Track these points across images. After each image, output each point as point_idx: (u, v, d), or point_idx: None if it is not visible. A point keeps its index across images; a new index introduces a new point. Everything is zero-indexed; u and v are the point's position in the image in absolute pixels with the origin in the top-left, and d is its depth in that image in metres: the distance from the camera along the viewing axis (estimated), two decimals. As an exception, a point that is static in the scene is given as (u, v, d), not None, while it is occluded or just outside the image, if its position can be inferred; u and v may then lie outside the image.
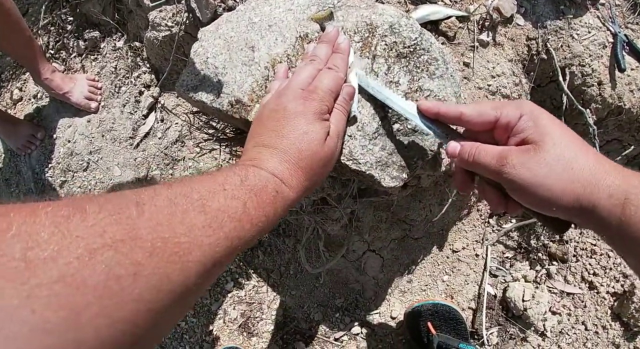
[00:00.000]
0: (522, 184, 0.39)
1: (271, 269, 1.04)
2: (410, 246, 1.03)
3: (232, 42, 0.71)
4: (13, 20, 1.06)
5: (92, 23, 1.38)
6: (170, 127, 1.11)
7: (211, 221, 0.31)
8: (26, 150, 1.26)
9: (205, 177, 0.36)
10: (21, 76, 1.41)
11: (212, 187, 0.34)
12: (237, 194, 0.35)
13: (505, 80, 0.86)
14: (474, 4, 0.85)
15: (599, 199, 0.36)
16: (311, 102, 0.46)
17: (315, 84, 0.49)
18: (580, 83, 1.00)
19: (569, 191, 0.38)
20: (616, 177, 0.37)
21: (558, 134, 0.40)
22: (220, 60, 0.70)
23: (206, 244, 0.29)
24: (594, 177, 0.37)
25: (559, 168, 0.38)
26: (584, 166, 0.38)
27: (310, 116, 0.45)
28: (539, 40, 0.95)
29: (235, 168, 0.40)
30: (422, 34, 0.67)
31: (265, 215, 0.37)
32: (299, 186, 0.43)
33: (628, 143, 1.12)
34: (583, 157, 0.39)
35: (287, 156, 0.43)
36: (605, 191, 0.36)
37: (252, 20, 0.71)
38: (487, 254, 1.05)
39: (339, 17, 0.67)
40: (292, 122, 0.45)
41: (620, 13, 1.04)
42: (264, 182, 0.39)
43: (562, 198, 0.38)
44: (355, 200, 0.80)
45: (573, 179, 0.38)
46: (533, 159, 0.40)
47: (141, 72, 1.18)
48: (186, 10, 1.04)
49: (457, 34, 0.82)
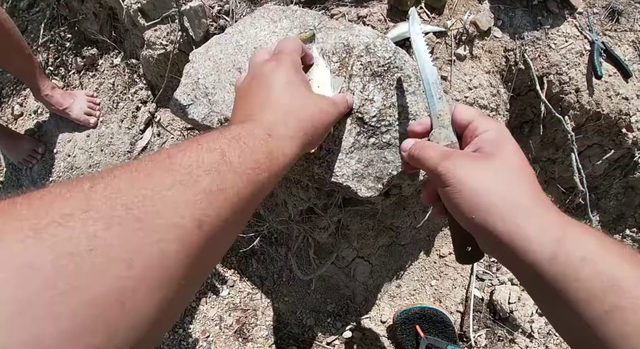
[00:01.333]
0: (451, 181, 0.38)
1: (264, 276, 1.10)
2: (398, 252, 1.08)
3: (220, 63, 0.78)
4: (14, 39, 1.13)
5: (90, 41, 1.45)
6: (167, 142, 1.17)
7: (182, 178, 0.28)
8: (28, 164, 1.33)
9: (186, 141, 0.34)
10: (22, 92, 1.48)
11: (184, 145, 0.32)
12: (213, 146, 0.33)
13: (483, 92, 0.92)
14: (451, 19, 0.92)
15: (533, 228, 0.34)
16: (281, 59, 0.47)
17: (279, 48, 0.51)
18: (558, 91, 1.06)
19: (495, 205, 0.35)
20: (553, 212, 0.36)
21: (513, 156, 0.39)
22: (210, 81, 0.77)
23: (181, 203, 0.27)
24: (530, 203, 0.36)
25: (495, 180, 0.37)
26: (525, 190, 0.36)
27: (287, 69, 0.46)
28: (516, 51, 1.01)
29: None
30: (396, 52, 0.73)
31: (255, 161, 0.34)
32: (295, 132, 0.41)
33: (608, 147, 1.17)
34: (526, 182, 0.37)
35: (277, 106, 0.42)
36: (541, 223, 0.34)
37: (239, 43, 0.78)
38: (473, 259, 1.10)
39: (318, 39, 0.74)
40: (271, 80, 0.44)
41: (598, 21, 1.10)
42: (248, 130, 0.37)
43: (487, 209, 0.35)
44: (340, 209, 0.86)
45: (506, 196, 0.36)
46: (474, 163, 0.39)
47: (138, 88, 1.25)
48: (180, 30, 1.11)
49: (434, 49, 0.88)
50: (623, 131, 1.10)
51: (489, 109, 0.95)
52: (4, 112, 1.45)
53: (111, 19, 1.37)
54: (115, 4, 1.25)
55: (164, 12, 1.12)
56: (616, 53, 1.05)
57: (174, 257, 0.25)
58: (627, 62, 1.05)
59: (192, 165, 0.30)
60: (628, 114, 1.06)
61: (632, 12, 1.13)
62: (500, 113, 1.00)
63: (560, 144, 1.17)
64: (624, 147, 1.14)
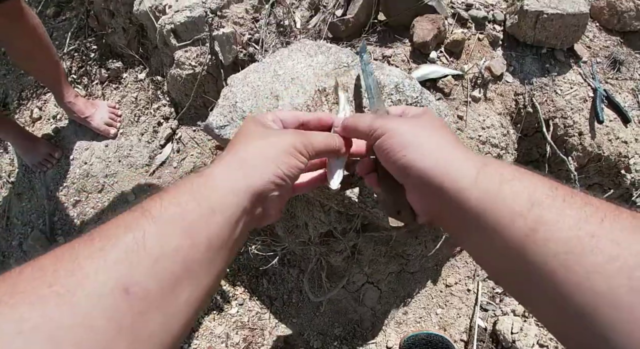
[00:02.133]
0: (385, 129, 0.42)
1: (274, 296, 1.13)
2: (407, 279, 1.13)
3: (258, 90, 0.85)
4: (44, 45, 1.17)
5: (116, 54, 1.52)
6: (186, 158, 1.22)
7: (102, 243, 0.28)
8: (42, 167, 1.35)
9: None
10: (42, 96, 1.52)
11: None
12: (137, 205, 0.33)
13: (494, 132, 1.01)
14: (468, 64, 1.01)
15: (456, 157, 0.38)
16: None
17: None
18: (563, 133, 1.15)
19: (421, 144, 0.39)
20: (472, 152, 0.40)
21: (435, 120, 0.44)
22: (248, 105, 0.84)
23: (101, 269, 0.27)
24: (452, 144, 0.40)
25: (421, 129, 0.41)
26: (446, 137, 0.41)
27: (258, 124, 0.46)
28: (525, 96, 1.11)
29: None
30: (422, 93, 0.81)
31: (177, 203, 0.32)
32: (237, 167, 0.38)
33: (608, 187, 1.26)
34: (447, 134, 0.42)
35: (235, 152, 0.41)
36: (463, 154, 0.38)
37: (277, 72, 0.86)
38: (478, 289, 1.15)
39: (352, 75, 0.82)
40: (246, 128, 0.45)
41: (601, 69, 1.21)
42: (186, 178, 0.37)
43: (415, 147, 0.39)
44: (358, 234, 0.91)
45: (431, 138, 0.40)
46: (403, 119, 0.45)
47: (161, 104, 1.31)
48: (210, 53, 1.19)
49: (452, 90, 0.97)
50: (622, 172, 1.19)
51: (499, 148, 1.03)
52: (22, 114, 1.49)
53: (139, 35, 1.44)
54: (147, 22, 1.33)
55: (195, 35, 1.20)
56: (617, 100, 1.15)
57: (103, 332, 0.24)
58: (627, 109, 1.16)
59: (111, 227, 0.30)
60: (627, 157, 1.16)
61: (633, 62, 1.25)
62: (510, 152, 1.08)
63: (564, 183, 1.25)
64: (622, 187, 1.23)
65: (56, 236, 1.31)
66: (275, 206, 0.43)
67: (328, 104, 0.80)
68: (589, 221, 0.29)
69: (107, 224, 0.31)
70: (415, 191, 0.41)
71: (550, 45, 1.13)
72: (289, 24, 1.06)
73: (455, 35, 0.99)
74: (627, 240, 0.27)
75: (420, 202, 0.41)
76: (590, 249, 0.27)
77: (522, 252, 0.30)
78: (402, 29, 1.00)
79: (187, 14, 1.18)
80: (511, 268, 0.32)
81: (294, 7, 1.08)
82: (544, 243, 0.29)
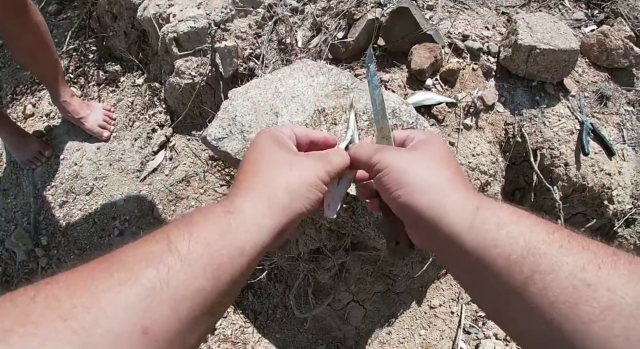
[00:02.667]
0: (381, 166, 0.42)
1: (259, 311, 1.13)
2: (392, 299, 1.15)
3: (259, 105, 0.87)
4: (45, 42, 1.17)
5: (115, 57, 1.53)
6: (178, 167, 1.23)
7: (121, 276, 0.27)
8: (31, 165, 1.33)
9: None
10: (37, 93, 1.51)
11: (143, 237, 0.32)
12: (160, 235, 0.32)
13: (484, 159, 1.05)
14: (462, 93, 1.06)
15: (452, 200, 0.37)
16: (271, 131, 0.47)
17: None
18: (549, 164, 1.20)
19: (416, 182, 0.39)
20: (471, 189, 0.40)
21: (438, 149, 0.43)
22: (247, 120, 0.86)
23: (120, 307, 0.26)
24: (449, 182, 0.39)
25: (418, 164, 0.41)
26: (445, 173, 0.40)
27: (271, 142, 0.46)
28: (515, 126, 1.16)
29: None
30: (417, 119, 0.85)
31: (205, 244, 0.32)
32: (268, 206, 0.38)
33: (591, 217, 1.31)
34: (448, 167, 0.41)
35: (253, 180, 0.41)
36: (459, 196, 0.38)
37: (278, 89, 0.88)
38: (461, 312, 1.17)
39: (351, 97, 0.85)
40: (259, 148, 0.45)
41: (589, 104, 1.28)
42: (208, 208, 0.37)
43: (410, 186, 0.39)
44: (347, 252, 0.93)
45: (427, 175, 0.40)
46: (402, 152, 0.44)
47: (157, 111, 1.33)
48: (210, 64, 1.21)
49: (445, 117, 1.01)
50: (605, 203, 1.25)
51: (488, 175, 1.07)
52: (15, 110, 1.48)
53: (140, 40, 1.46)
54: (150, 29, 1.35)
55: (197, 45, 1.22)
56: (602, 133, 1.21)
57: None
58: (612, 142, 1.22)
59: (134, 259, 0.29)
60: (610, 188, 1.21)
61: (619, 98, 1.32)
62: (497, 179, 1.12)
63: (549, 211, 1.30)
64: (605, 217, 1.29)
65: (40, 235, 1.29)
66: (289, 234, 0.44)
67: (326, 124, 0.83)
68: (586, 269, 0.29)
69: (128, 251, 0.29)
70: (412, 228, 0.41)
71: (541, 78, 1.18)
72: (291, 42, 1.10)
73: (451, 64, 1.04)
74: (624, 288, 0.27)
75: (417, 238, 0.42)
76: (586, 299, 0.28)
77: (520, 299, 0.30)
78: (401, 55, 1.04)
79: (191, 24, 1.21)
80: (507, 312, 0.33)
81: (297, 26, 1.12)
82: (541, 292, 0.29)
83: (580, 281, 0.28)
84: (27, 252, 1.28)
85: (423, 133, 0.48)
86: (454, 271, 0.39)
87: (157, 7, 1.32)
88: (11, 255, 1.30)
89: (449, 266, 0.40)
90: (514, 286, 0.31)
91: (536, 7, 1.39)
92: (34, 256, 1.29)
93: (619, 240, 1.33)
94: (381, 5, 1.08)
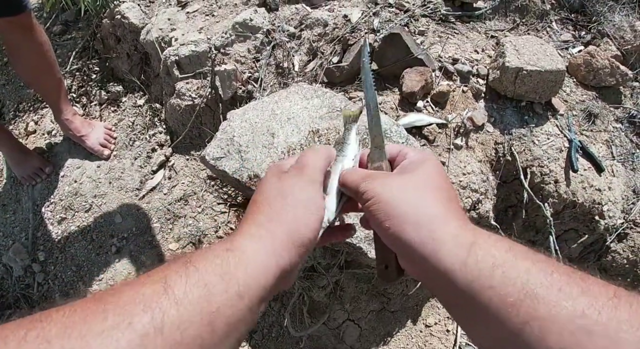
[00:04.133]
0: (370, 196, 0.40)
1: (254, 330, 1.15)
2: (387, 318, 1.17)
3: (256, 127, 0.93)
4: (49, 62, 1.23)
5: (118, 78, 1.61)
6: (177, 186, 1.28)
7: (115, 320, 0.27)
8: (31, 181, 1.37)
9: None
10: (39, 110, 1.57)
11: (142, 275, 0.32)
12: (158, 275, 0.31)
13: (475, 178, 1.10)
14: (452, 114, 1.12)
15: (444, 235, 0.35)
16: (302, 174, 0.45)
17: (303, 162, 0.47)
18: (540, 181, 1.25)
19: (407, 213, 0.37)
20: (465, 222, 0.37)
21: (430, 173, 0.41)
22: (245, 140, 0.91)
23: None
24: (442, 213, 0.37)
25: (409, 193, 0.39)
26: (438, 202, 0.38)
27: (304, 184, 0.44)
28: (505, 145, 1.22)
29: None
30: (407, 139, 0.90)
31: (203, 285, 0.31)
32: (273, 246, 0.37)
33: (583, 232, 1.35)
34: (441, 196, 0.39)
35: (264, 220, 0.40)
36: (452, 230, 0.36)
37: (275, 111, 0.94)
38: (457, 331, 1.20)
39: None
40: (281, 192, 0.43)
41: (577, 122, 1.34)
42: (209, 248, 0.36)
43: (400, 218, 0.37)
44: (341, 270, 0.97)
45: (418, 206, 0.38)
46: (391, 179, 0.41)
47: (157, 131, 1.39)
48: (210, 87, 1.28)
49: (436, 138, 1.07)
50: (596, 219, 1.29)
51: (479, 193, 1.12)
52: (17, 126, 1.53)
53: (143, 62, 1.54)
54: (152, 51, 1.43)
55: (198, 68, 1.29)
56: (591, 150, 1.27)
57: None
58: (601, 159, 1.27)
59: (129, 300, 0.28)
60: (601, 204, 1.26)
61: (607, 115, 1.38)
62: (489, 197, 1.17)
63: (540, 228, 1.34)
64: (596, 232, 1.32)
65: (38, 251, 1.32)
66: (294, 276, 0.42)
67: (320, 144, 0.88)
68: (585, 315, 0.28)
69: (125, 291, 0.29)
70: (403, 258, 0.40)
71: (529, 98, 1.25)
72: (288, 66, 1.17)
73: (442, 87, 1.10)
74: (624, 335, 0.27)
75: (408, 268, 0.41)
76: (585, 347, 0.28)
77: (516, 342, 0.30)
78: (393, 79, 1.11)
79: (192, 48, 1.28)
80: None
81: (294, 50, 1.19)
82: (538, 338, 0.29)
83: (580, 327, 0.28)
84: (24, 267, 1.31)
85: (417, 152, 0.45)
86: (446, 305, 0.38)
87: (160, 31, 1.40)
88: (8, 270, 1.33)
89: (440, 299, 0.39)
90: (510, 330, 0.30)
91: (524, 30, 1.47)
92: (30, 271, 1.32)
93: (611, 255, 1.37)
94: (374, 31, 1.16)
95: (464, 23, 1.33)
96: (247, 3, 1.35)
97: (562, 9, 1.53)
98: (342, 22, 1.19)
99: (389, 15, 1.21)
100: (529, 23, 1.48)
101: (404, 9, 1.24)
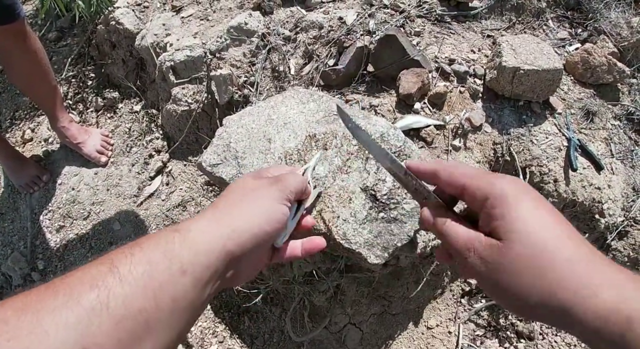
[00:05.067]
0: (484, 280, 0.37)
1: (255, 335, 1.15)
2: (389, 321, 1.17)
3: (252, 132, 0.92)
4: (44, 69, 1.23)
5: (114, 84, 1.61)
6: (175, 192, 1.28)
7: (65, 298, 0.29)
8: (29, 189, 1.37)
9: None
10: (35, 118, 1.57)
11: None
12: (106, 257, 0.33)
13: (474, 178, 1.10)
14: (450, 115, 1.12)
15: (590, 307, 0.32)
16: (279, 187, 0.46)
17: (286, 184, 0.48)
18: (539, 180, 1.25)
19: (537, 292, 0.34)
20: (611, 284, 0.32)
21: (530, 229, 0.35)
22: (241, 146, 0.91)
23: (61, 327, 0.27)
24: (579, 278, 0.33)
25: (525, 268, 0.34)
26: (564, 264, 0.34)
27: (274, 193, 0.45)
28: (503, 145, 1.21)
29: None
30: (405, 142, 0.90)
31: (147, 261, 0.32)
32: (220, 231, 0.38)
33: (584, 231, 1.34)
34: (566, 253, 0.34)
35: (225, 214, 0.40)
36: (599, 302, 0.32)
37: (271, 116, 0.94)
38: (459, 332, 1.20)
39: (340, 123, 0.90)
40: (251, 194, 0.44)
41: (575, 120, 1.33)
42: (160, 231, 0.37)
43: (529, 299, 0.34)
44: (341, 274, 0.96)
45: (546, 277, 0.34)
46: (497, 258, 0.36)
47: (154, 137, 1.38)
48: (206, 92, 1.28)
49: (434, 139, 1.07)
50: (596, 217, 1.29)
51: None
52: (14, 134, 1.53)
53: (138, 68, 1.54)
54: (148, 57, 1.43)
55: (194, 73, 1.29)
56: (590, 149, 1.26)
57: None
58: (600, 157, 1.26)
59: (77, 281, 0.30)
60: (600, 202, 1.25)
61: (605, 113, 1.38)
62: (489, 197, 1.17)
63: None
64: (597, 231, 1.32)
65: (36, 259, 1.32)
66: (250, 267, 0.42)
67: (318, 149, 0.88)
68: None
69: (75, 273, 0.31)
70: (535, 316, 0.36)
71: (527, 98, 1.25)
72: (284, 70, 1.16)
73: (438, 88, 1.10)
74: None
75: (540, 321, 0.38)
76: None
77: None
78: (389, 81, 1.11)
79: (187, 53, 1.28)
80: None
81: (289, 54, 1.19)
82: None
83: None
84: (23, 276, 1.31)
85: (491, 195, 0.37)
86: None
87: (155, 36, 1.40)
88: (7, 279, 1.33)
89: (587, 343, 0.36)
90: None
91: (521, 29, 1.47)
92: (30, 280, 1.31)
93: (612, 253, 1.37)
94: (370, 33, 1.16)
95: (459, 23, 1.33)
96: (241, 7, 1.35)
97: (558, 7, 1.53)
98: (337, 25, 1.19)
99: (384, 16, 1.21)
100: (525, 21, 1.48)
101: (399, 10, 1.24)
